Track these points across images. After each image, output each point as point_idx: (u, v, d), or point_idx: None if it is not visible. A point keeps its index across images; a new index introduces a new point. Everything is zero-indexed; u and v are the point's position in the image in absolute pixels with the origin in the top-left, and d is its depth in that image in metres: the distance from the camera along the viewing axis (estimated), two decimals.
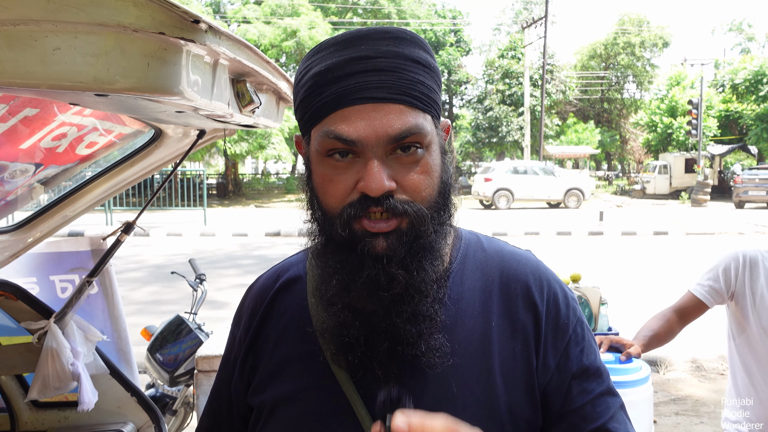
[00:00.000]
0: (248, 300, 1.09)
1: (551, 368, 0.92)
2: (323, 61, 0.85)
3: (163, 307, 7.47)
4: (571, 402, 0.92)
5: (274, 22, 26.24)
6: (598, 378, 0.95)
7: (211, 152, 26.44)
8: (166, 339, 3.56)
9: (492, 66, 35.49)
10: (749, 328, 2.15)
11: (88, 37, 0.84)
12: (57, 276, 2.45)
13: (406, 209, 0.83)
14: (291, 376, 0.95)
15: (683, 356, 5.74)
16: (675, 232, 15.97)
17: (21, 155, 1.67)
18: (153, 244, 13.81)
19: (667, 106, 33.49)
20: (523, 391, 0.91)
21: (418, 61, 0.86)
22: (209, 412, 1.13)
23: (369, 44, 0.84)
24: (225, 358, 1.10)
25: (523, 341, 0.93)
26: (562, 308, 0.96)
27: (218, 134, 2.07)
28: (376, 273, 0.83)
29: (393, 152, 0.84)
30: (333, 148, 0.84)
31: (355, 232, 0.84)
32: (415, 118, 0.84)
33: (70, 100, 1.14)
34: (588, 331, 0.99)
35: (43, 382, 2.00)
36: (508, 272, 0.98)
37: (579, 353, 0.94)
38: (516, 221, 18.09)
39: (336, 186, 0.85)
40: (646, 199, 30.37)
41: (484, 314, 0.94)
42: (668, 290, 8.46)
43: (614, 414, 0.94)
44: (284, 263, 1.10)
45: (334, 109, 0.83)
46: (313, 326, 0.94)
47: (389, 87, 0.83)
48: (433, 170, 0.87)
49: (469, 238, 1.02)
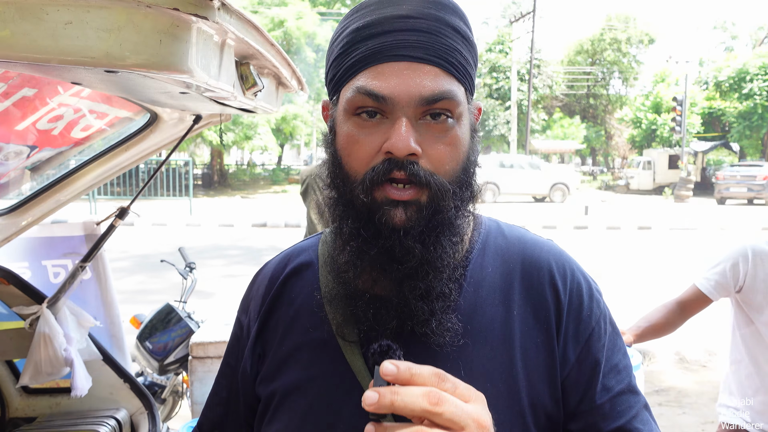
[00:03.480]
0: (255, 285, 1.05)
1: (571, 361, 0.88)
2: (362, 18, 0.84)
3: (150, 297, 7.42)
4: (590, 399, 0.87)
5: (262, 12, 25.98)
6: (619, 375, 0.90)
7: (197, 142, 26.17)
8: (156, 327, 3.54)
9: (480, 60, 35.51)
10: (761, 319, 2.14)
11: (100, 12, 0.82)
12: (50, 261, 2.41)
13: (429, 180, 0.80)
14: (301, 365, 0.92)
15: (667, 348, 5.84)
16: (658, 226, 16.17)
17: (16, 137, 1.64)
18: (138, 233, 13.68)
19: (652, 103, 33.83)
20: (546, 385, 0.87)
21: (458, 30, 0.84)
22: (215, 402, 1.07)
23: (411, 4, 0.82)
24: (232, 345, 1.06)
25: (546, 331, 0.89)
26: (586, 299, 0.92)
27: (214, 120, 2.05)
28: (392, 244, 0.80)
29: (423, 117, 0.81)
30: (362, 105, 0.81)
31: (376, 200, 0.81)
32: (449, 83, 0.82)
33: (74, 78, 1.12)
34: (613, 326, 0.95)
35: (36, 367, 1.98)
36: (530, 260, 0.94)
37: (601, 348, 0.90)
38: (502, 215, 18.16)
39: (361, 147, 0.82)
40: (630, 194, 30.69)
41: (506, 302, 0.90)
42: (654, 282, 8.59)
43: (637, 413, 0.89)
44: (294, 248, 1.06)
45: (369, 64, 0.82)
46: (324, 311, 0.91)
47: (427, 48, 0.81)
48: (461, 144, 0.84)
49: (489, 225, 0.99)
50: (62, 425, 2.16)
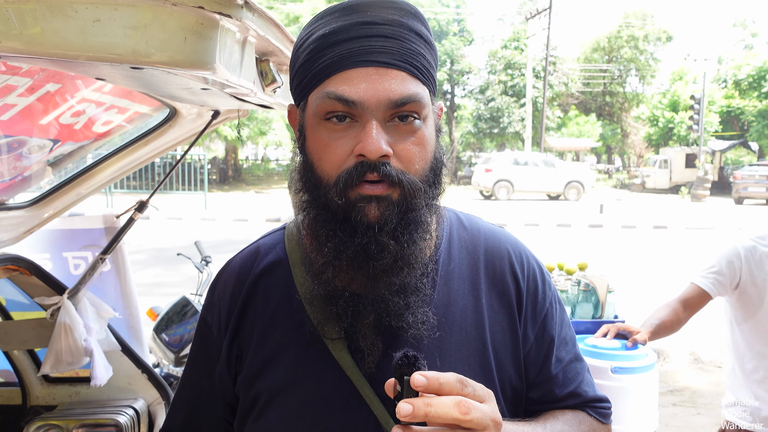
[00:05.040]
0: (222, 285, 1.05)
1: (530, 339, 1.00)
2: (327, 24, 0.87)
3: (166, 290, 7.50)
4: (547, 370, 1.00)
5: (277, 8, 26.07)
6: (567, 346, 1.04)
7: (212, 137, 26.35)
8: (172, 320, 3.59)
9: (495, 56, 35.31)
10: (760, 312, 2.22)
11: (127, 10, 0.84)
12: (70, 253, 2.46)
13: (401, 179, 0.84)
14: (288, 364, 0.94)
15: (682, 348, 5.80)
16: (674, 226, 16.02)
17: (39, 130, 1.67)
18: (154, 227, 13.82)
19: (669, 101, 33.45)
20: (511, 362, 0.97)
21: (420, 35, 0.88)
22: (187, 399, 1.08)
23: (375, 11, 0.85)
24: (200, 344, 1.06)
25: (509, 315, 0.99)
26: (540, 283, 1.03)
27: (232, 115, 2.08)
28: (368, 241, 0.83)
29: (391, 119, 0.85)
30: (332, 110, 0.84)
31: (350, 199, 0.84)
32: (415, 86, 0.85)
33: (99, 74, 1.15)
34: (560, 303, 1.07)
35: (56, 357, 2.02)
36: (491, 249, 1.02)
37: (554, 325, 1.02)
38: (516, 212, 18.11)
39: (332, 151, 0.85)
40: (645, 193, 30.40)
41: (474, 292, 0.98)
42: (668, 282, 8.52)
43: (583, 378, 1.04)
44: (258, 244, 1.07)
45: (337, 70, 0.84)
46: (304, 309, 0.93)
47: (393, 53, 0.84)
48: (428, 143, 0.88)
49: (450, 218, 1.05)
50: (82, 414, 2.20)
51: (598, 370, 1.91)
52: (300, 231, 1.00)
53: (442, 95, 37.91)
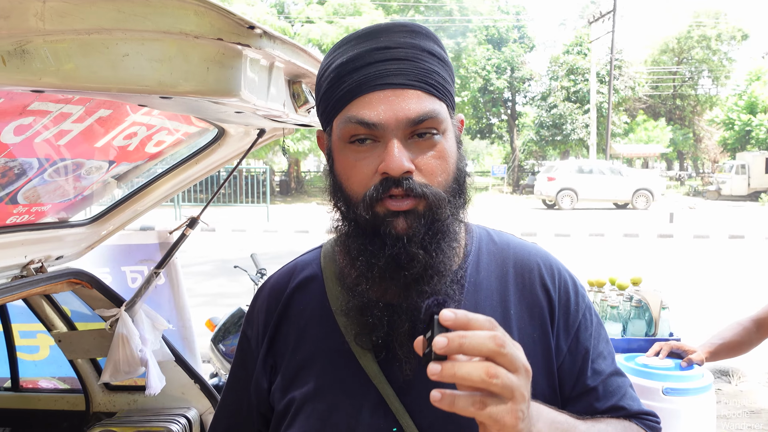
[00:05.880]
0: (260, 300, 1.11)
1: (563, 351, 0.99)
2: (345, 53, 0.91)
3: (228, 300, 7.75)
4: (583, 383, 0.98)
5: (336, 22, 26.60)
6: (605, 360, 1.02)
7: (275, 150, 27.09)
8: (229, 330, 3.71)
9: (557, 62, 34.61)
10: None
11: (153, 44, 0.90)
12: (128, 267, 2.60)
13: (425, 191, 0.87)
14: (317, 373, 0.98)
15: (757, 367, 5.44)
16: (752, 236, 15.10)
17: (96, 153, 1.78)
18: (218, 239, 14.32)
19: (746, 103, 31.70)
20: (543, 376, 0.96)
21: (433, 53, 0.91)
22: (227, 413, 1.13)
23: (387, 36, 0.89)
24: (240, 358, 1.11)
25: (541, 327, 0.99)
26: (572, 295, 1.03)
27: (278, 133, 2.14)
28: (397, 252, 0.87)
29: (411, 137, 0.88)
30: (355, 133, 0.89)
31: (378, 214, 0.88)
32: (431, 103, 0.89)
33: (138, 101, 1.22)
34: (596, 316, 1.06)
35: (115, 366, 2.13)
36: (521, 262, 1.03)
37: (588, 337, 1.01)
38: (580, 222, 17.60)
39: (358, 171, 0.89)
40: (721, 200, 28.84)
41: (503, 303, 0.99)
42: (741, 298, 8.02)
43: (626, 392, 1.02)
44: (295, 262, 1.12)
45: (356, 95, 0.88)
46: (335, 321, 0.97)
47: (407, 74, 0.88)
48: (449, 156, 0.91)
49: (479, 232, 1.07)
50: (138, 421, 2.31)
51: (648, 391, 1.83)
52: (334, 248, 1.06)
53: (502, 103, 37.44)
